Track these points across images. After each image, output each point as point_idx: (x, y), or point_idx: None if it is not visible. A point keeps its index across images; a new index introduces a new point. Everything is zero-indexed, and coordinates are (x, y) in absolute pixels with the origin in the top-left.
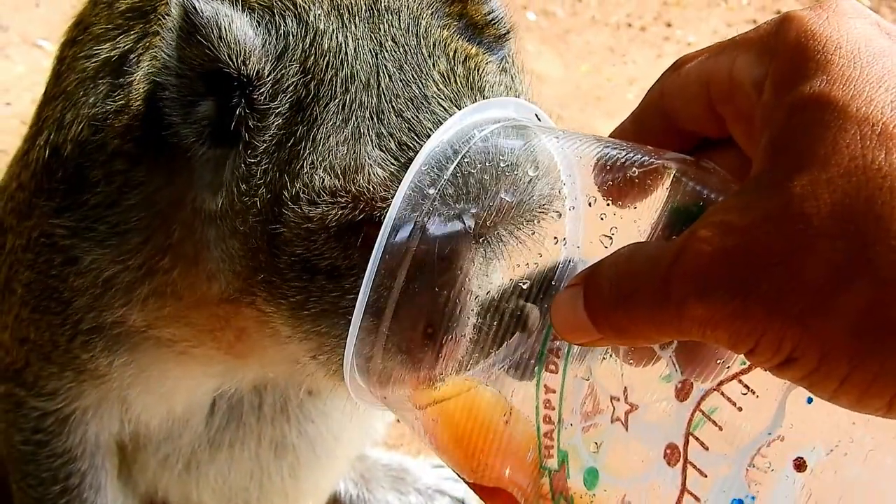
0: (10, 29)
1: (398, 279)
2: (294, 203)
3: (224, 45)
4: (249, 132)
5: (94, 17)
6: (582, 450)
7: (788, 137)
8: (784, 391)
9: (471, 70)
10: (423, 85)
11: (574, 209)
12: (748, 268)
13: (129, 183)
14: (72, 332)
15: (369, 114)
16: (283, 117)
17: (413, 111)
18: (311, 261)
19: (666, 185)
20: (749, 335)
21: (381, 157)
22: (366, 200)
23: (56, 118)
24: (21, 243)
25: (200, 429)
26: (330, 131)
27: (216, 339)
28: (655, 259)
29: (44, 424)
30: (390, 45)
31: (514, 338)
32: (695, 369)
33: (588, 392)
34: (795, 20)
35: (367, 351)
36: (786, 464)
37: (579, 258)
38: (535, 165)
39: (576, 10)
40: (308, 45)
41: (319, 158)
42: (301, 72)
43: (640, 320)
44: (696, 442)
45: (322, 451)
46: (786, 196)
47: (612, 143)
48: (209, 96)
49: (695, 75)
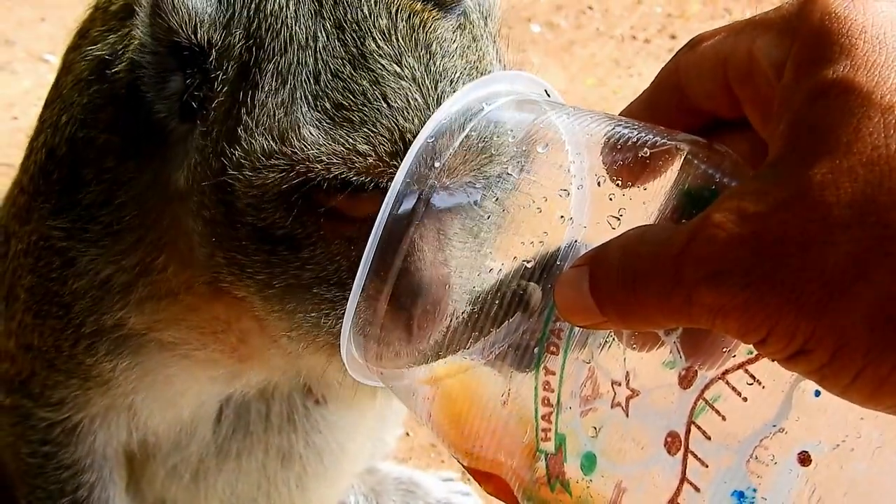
0: (16, 44)
1: (399, 252)
2: (237, 170)
3: (175, 15)
4: (203, 103)
5: (91, 21)
6: (580, 434)
7: (809, 123)
8: (791, 383)
9: (415, 27)
10: (361, 42)
11: (582, 188)
12: (763, 256)
13: (119, 180)
14: (74, 336)
15: (306, 75)
16: (229, 84)
17: (349, 69)
18: (267, 230)
19: (677, 167)
20: (760, 325)
21: (315, 117)
22: (301, 162)
23: (53, 121)
24: (22, 248)
25: (208, 437)
26: (268, 94)
27: (218, 341)
28: (666, 242)
29: (51, 435)
30: (330, 4)
31: (514, 318)
32: (699, 357)
33: (588, 375)
34: (819, 2)
35: (365, 324)
36: (790, 457)
37: (584, 239)
38: (545, 142)
39: (580, 22)
40: (252, 10)
41: (256, 122)
42: (245, 37)
43: (648, 304)
44: (697, 431)
45: (329, 462)
46: (804, 183)
47: (623, 121)
48: (178, 70)
49: (712, 53)
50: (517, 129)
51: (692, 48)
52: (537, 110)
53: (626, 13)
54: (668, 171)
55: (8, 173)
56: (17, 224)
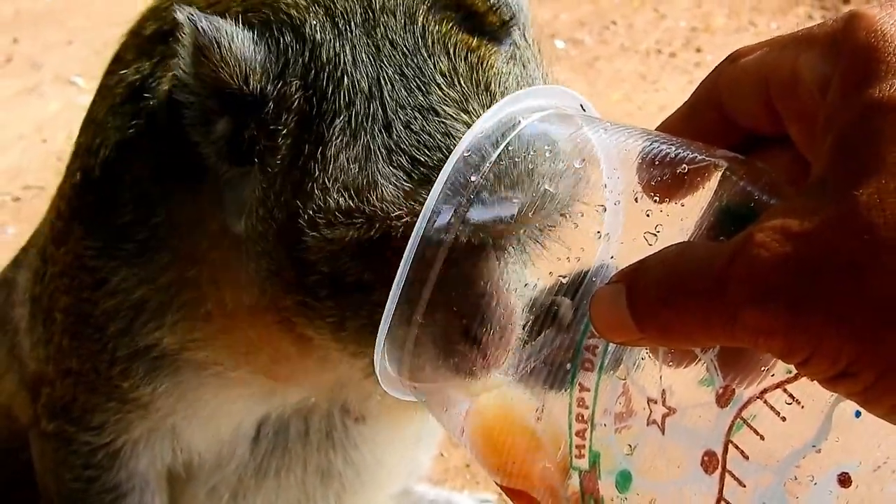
0: (43, 67)
1: (435, 267)
2: (311, 227)
3: (225, 65)
4: (261, 152)
5: (125, 47)
6: (615, 451)
7: (855, 142)
8: (831, 403)
9: (474, 65)
10: (427, 90)
11: (618, 204)
12: (808, 276)
13: (155, 202)
14: (110, 358)
15: (377, 128)
16: (291, 136)
17: (421, 122)
18: (338, 278)
19: (715, 183)
20: (804, 346)
21: (392, 173)
22: (381, 219)
23: (88, 144)
24: (58, 269)
25: (246, 457)
26: (339, 149)
27: (250, 362)
28: (708, 260)
29: (95, 459)
30: (388, 48)
31: (546, 334)
32: (737, 375)
33: (622, 392)
34: (864, 18)
35: (401, 339)
36: (829, 478)
37: (620, 255)
38: (582, 157)
39: (604, 37)
40: (307, 59)
41: (331, 179)
42: (303, 87)
43: (689, 321)
44: (735, 450)
45: (368, 478)
46: (851, 203)
47: (660, 137)
48: (224, 114)
49: (754, 69)
50: (554, 143)
51: (732, 63)
52: (573, 125)
53: (651, 28)
54: (706, 188)
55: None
56: (55, 247)
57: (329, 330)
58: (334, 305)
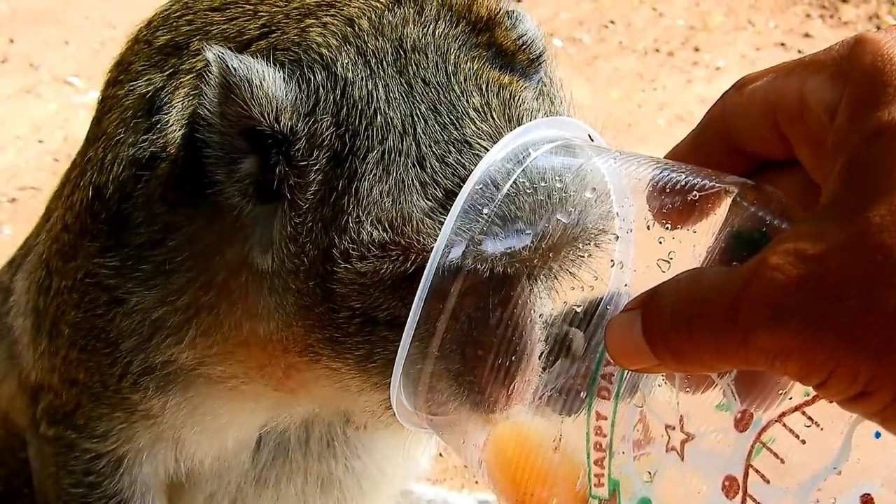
0: (40, 67)
1: (450, 300)
2: (344, 260)
3: (256, 104)
4: (291, 189)
5: (134, 55)
6: (635, 479)
7: (865, 165)
8: (850, 424)
9: (506, 101)
10: (461, 125)
11: (631, 232)
12: (823, 298)
13: (171, 226)
14: (122, 372)
15: (411, 162)
16: (322, 173)
17: (455, 155)
18: (370, 313)
19: (725, 209)
20: (821, 367)
21: (428, 206)
22: (417, 251)
23: (98, 158)
24: (67, 284)
25: (247, 465)
26: (372, 183)
27: (265, 375)
28: (722, 285)
29: (97, 467)
30: (421, 86)
31: (559, 364)
32: (755, 399)
33: (639, 419)
34: (870, 43)
35: (416, 373)
36: (852, 499)
37: (634, 283)
38: (593, 186)
39: (603, 36)
40: (339, 96)
41: (365, 212)
42: (335, 125)
43: (703, 347)
44: (755, 474)
45: (368, 486)
46: (862, 225)
47: (669, 165)
48: (251, 153)
49: (761, 95)
50: (564, 174)
51: (738, 90)
52: (584, 155)
53: (649, 26)
54: (718, 214)
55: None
56: (62, 261)
57: (355, 362)
58: (363, 341)
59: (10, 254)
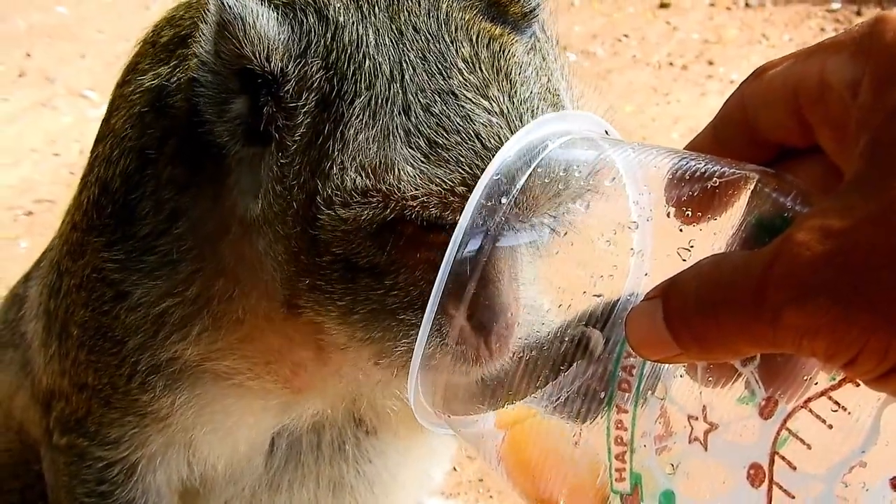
0: (56, 81)
1: (467, 292)
2: (328, 205)
3: (248, 42)
4: (279, 131)
5: (141, 56)
6: (657, 472)
7: (890, 139)
8: (878, 407)
9: (496, 53)
10: (448, 75)
11: (650, 221)
12: (851, 272)
13: (178, 211)
14: (130, 372)
15: (396, 110)
16: (310, 115)
17: (440, 105)
18: (352, 259)
19: (746, 197)
20: (851, 344)
21: (410, 154)
22: (396, 199)
23: (105, 155)
24: (75, 283)
25: (260, 470)
26: (358, 129)
27: (271, 371)
28: (746, 267)
29: (110, 475)
30: (411, 33)
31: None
32: (779, 386)
33: (660, 412)
34: (891, 21)
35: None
36: (882, 482)
37: (654, 271)
38: (611, 177)
39: (616, 49)
40: (329, 40)
41: (350, 158)
42: (324, 68)
43: (729, 330)
44: (782, 461)
45: (380, 492)
46: (889, 198)
47: (689, 154)
48: (242, 94)
49: (780, 80)
50: (583, 165)
51: (757, 77)
52: (601, 147)
53: (663, 40)
54: (738, 201)
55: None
56: (71, 260)
57: (339, 314)
58: (345, 288)
59: (26, 267)
